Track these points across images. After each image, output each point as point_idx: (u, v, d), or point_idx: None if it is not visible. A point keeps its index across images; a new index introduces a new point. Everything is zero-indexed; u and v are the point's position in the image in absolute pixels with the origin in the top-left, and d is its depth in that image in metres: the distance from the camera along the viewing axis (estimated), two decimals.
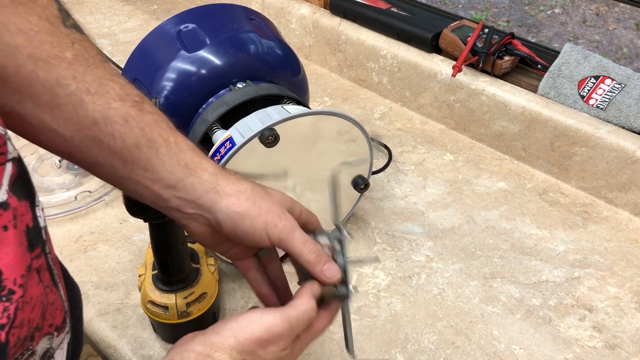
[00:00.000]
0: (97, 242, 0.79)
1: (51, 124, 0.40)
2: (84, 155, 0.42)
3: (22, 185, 0.33)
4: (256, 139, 0.62)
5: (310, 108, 0.72)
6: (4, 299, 0.30)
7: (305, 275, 0.47)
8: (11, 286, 0.30)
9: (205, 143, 0.72)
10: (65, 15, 0.41)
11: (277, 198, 0.47)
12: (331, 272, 0.46)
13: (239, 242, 0.46)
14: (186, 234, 0.51)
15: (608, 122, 0.84)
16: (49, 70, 0.39)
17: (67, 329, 0.38)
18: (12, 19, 0.38)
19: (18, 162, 0.33)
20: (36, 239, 0.33)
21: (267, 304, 0.51)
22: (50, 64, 0.39)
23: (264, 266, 0.52)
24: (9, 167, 0.32)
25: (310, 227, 0.50)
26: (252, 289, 0.52)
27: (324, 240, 0.48)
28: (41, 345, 0.34)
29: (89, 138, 0.41)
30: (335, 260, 0.47)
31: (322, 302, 0.47)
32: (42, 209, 0.35)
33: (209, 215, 0.45)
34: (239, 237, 0.45)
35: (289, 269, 0.52)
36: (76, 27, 0.42)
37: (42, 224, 0.35)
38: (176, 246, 0.58)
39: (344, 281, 0.47)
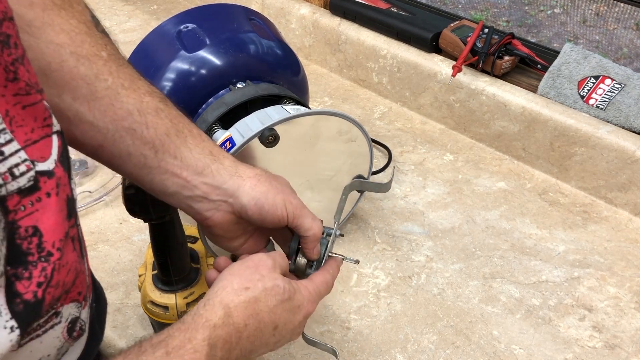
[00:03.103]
0: (97, 242, 0.79)
1: (87, 117, 0.44)
2: (116, 146, 0.45)
3: (66, 157, 0.36)
4: (256, 139, 0.63)
5: (310, 108, 0.72)
6: (43, 259, 0.32)
7: (292, 250, 0.53)
8: (50, 248, 0.33)
9: None
10: (96, 22, 0.46)
11: (283, 181, 0.52)
12: (318, 251, 0.52)
13: (262, 222, 0.49)
14: (204, 232, 0.53)
15: (608, 122, 0.84)
16: (89, 66, 0.43)
17: (88, 303, 0.40)
18: (56, 20, 0.42)
19: (61, 135, 0.35)
20: (72, 209, 0.36)
21: None
22: (90, 60, 0.43)
23: None
24: (55, 139, 0.34)
25: None
26: None
27: None
28: (67, 310, 0.37)
29: (122, 129, 0.45)
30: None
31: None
32: (75, 183, 0.38)
33: (233, 200, 0.48)
34: (263, 216, 0.49)
35: None
36: (105, 33, 0.46)
37: (75, 196, 0.37)
38: (176, 246, 0.59)
39: (319, 265, 0.53)
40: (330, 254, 0.54)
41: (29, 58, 0.40)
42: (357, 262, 0.55)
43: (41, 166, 0.33)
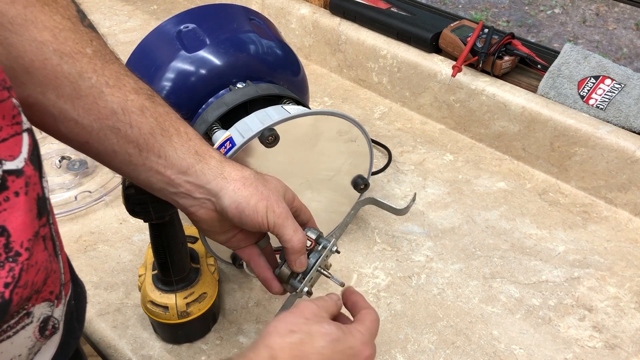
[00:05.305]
0: (97, 242, 0.79)
1: (72, 114, 0.43)
2: (101, 144, 0.45)
3: (37, 156, 0.35)
4: (256, 139, 0.63)
5: (310, 108, 0.72)
6: (10, 259, 0.32)
7: (282, 256, 0.53)
8: (18, 248, 0.32)
9: None
10: (82, 16, 0.45)
11: (274, 185, 0.52)
12: (301, 263, 0.51)
13: (242, 225, 0.50)
14: (192, 224, 0.53)
15: (608, 122, 0.84)
16: (72, 64, 0.42)
17: (63, 301, 0.40)
18: (39, 17, 0.41)
19: (32, 133, 0.35)
20: (43, 208, 0.36)
21: (269, 287, 0.55)
22: (74, 58, 0.42)
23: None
24: (26, 137, 0.34)
25: (302, 216, 0.54)
26: (257, 275, 0.55)
27: (311, 235, 0.53)
28: (39, 310, 0.36)
29: (107, 127, 0.44)
30: (308, 256, 0.53)
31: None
32: (47, 181, 0.37)
33: (215, 200, 0.49)
34: (243, 221, 0.49)
35: None
36: (92, 27, 0.45)
37: (47, 195, 0.37)
38: (176, 246, 0.59)
39: (304, 278, 0.52)
40: (319, 269, 0.53)
41: (12, 56, 0.40)
42: (343, 284, 0.54)
43: (9, 165, 0.32)
